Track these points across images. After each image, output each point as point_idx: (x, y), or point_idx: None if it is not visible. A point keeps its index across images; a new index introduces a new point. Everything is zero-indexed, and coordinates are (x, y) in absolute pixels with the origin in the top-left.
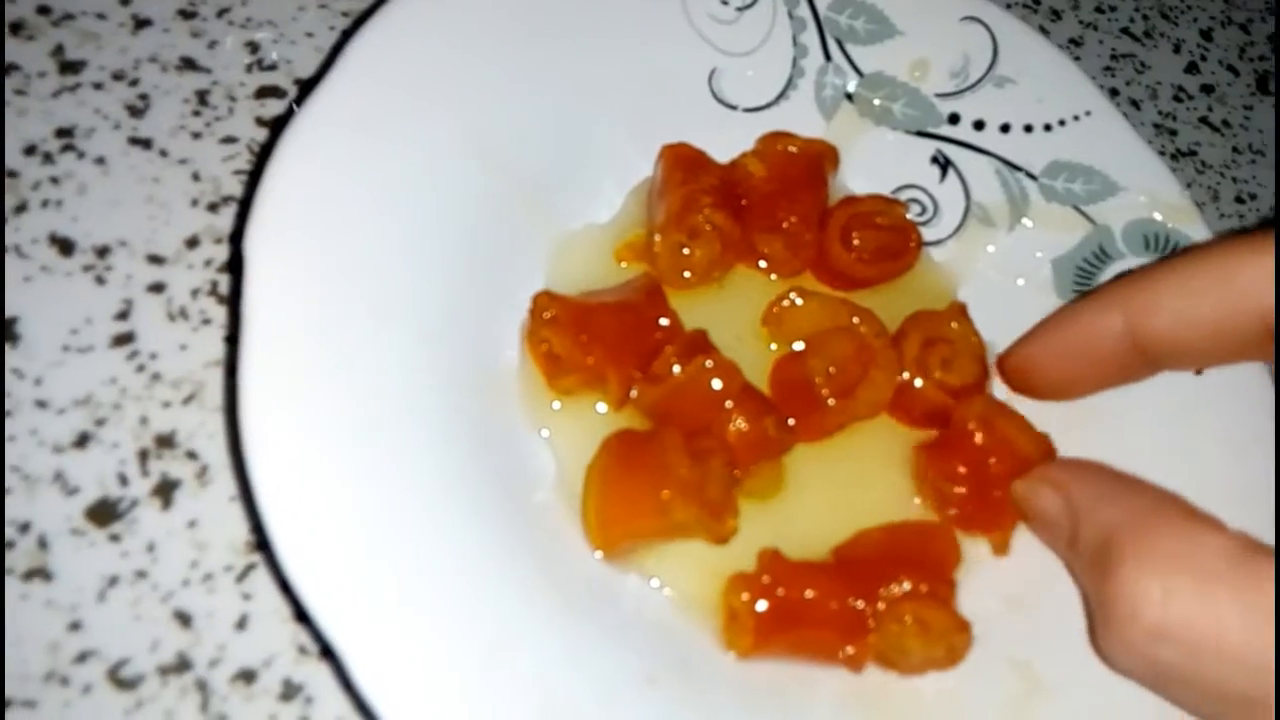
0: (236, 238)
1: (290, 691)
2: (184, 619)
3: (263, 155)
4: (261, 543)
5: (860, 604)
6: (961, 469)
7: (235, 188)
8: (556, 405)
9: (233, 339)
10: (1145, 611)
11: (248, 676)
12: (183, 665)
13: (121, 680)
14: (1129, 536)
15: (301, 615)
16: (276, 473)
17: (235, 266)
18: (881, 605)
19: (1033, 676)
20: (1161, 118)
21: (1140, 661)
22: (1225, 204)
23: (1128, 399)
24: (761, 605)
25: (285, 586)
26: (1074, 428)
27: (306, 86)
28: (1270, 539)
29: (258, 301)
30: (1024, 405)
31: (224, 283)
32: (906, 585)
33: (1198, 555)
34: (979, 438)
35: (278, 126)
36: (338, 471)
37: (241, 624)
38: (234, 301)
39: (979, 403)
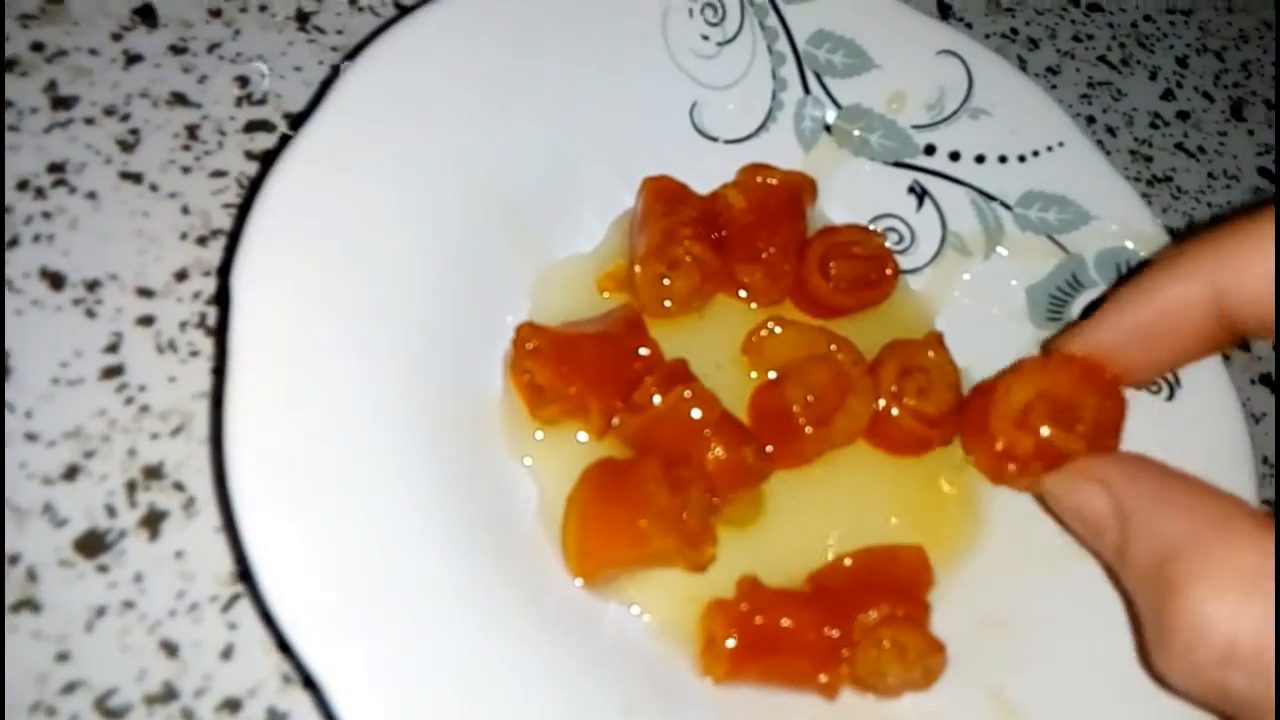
0: (224, 271)
1: None
2: (170, 649)
3: (251, 189)
4: (246, 573)
5: (835, 633)
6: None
7: (225, 221)
8: (539, 435)
9: (220, 371)
10: (1214, 637)
11: (233, 705)
12: (169, 695)
13: (109, 710)
14: (1193, 553)
15: (286, 645)
16: (259, 504)
17: (223, 299)
18: (858, 632)
19: (1004, 700)
20: (1138, 144)
21: (1206, 687)
22: (1200, 229)
23: None
24: (738, 633)
25: (269, 617)
26: None
27: (296, 121)
28: None
29: (243, 334)
30: None
31: (213, 315)
32: (883, 610)
33: (1268, 575)
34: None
35: (267, 161)
36: (320, 502)
37: (227, 654)
38: (221, 334)
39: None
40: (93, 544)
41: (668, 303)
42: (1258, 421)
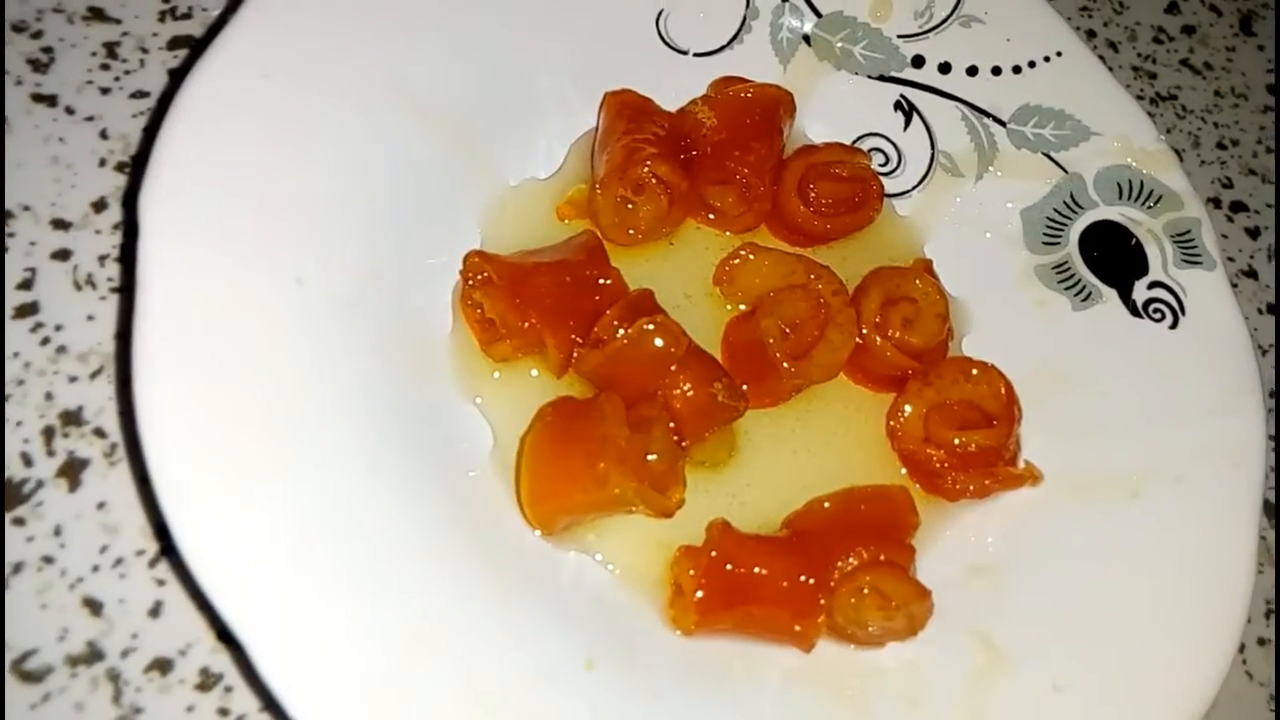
0: (131, 199)
1: (209, 681)
2: (94, 607)
3: (162, 107)
4: None
5: (812, 581)
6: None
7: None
8: (496, 375)
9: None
10: None
11: (163, 666)
12: (94, 655)
13: (27, 673)
14: None
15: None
16: (174, 455)
17: (131, 231)
18: (836, 579)
19: (993, 646)
20: (1140, 60)
21: None
22: (1206, 150)
23: (1100, 359)
24: (708, 581)
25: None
26: (1047, 392)
27: (214, 29)
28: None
29: (153, 268)
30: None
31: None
32: (863, 555)
33: None
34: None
35: (180, 76)
36: (244, 450)
37: (155, 611)
38: (131, 268)
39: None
40: (7, 496)
41: (632, 230)
42: (1264, 353)
